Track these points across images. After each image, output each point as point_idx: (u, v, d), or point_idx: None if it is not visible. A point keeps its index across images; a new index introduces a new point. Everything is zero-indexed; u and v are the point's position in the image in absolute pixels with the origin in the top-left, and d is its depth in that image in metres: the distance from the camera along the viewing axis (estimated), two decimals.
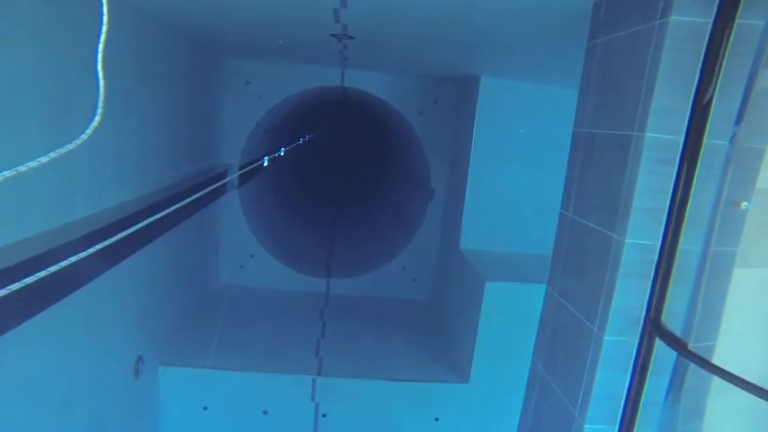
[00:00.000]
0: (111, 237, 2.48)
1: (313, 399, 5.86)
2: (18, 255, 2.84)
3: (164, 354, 5.71)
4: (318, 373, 5.90)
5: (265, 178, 9.80)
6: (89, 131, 1.45)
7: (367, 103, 8.94)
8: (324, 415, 5.89)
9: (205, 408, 5.78)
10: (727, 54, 2.06)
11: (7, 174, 1.37)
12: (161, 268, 5.60)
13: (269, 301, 7.97)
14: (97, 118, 1.44)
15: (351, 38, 4.78)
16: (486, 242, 6.74)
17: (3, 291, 1.60)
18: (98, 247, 2.16)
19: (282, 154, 10.66)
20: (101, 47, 1.46)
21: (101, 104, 1.46)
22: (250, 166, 8.09)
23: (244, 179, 7.99)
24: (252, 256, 8.36)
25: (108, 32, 1.53)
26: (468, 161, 6.64)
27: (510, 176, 6.63)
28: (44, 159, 1.43)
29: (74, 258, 1.99)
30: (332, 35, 4.71)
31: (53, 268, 1.79)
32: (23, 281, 1.71)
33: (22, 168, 1.40)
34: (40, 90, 3.13)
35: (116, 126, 4.12)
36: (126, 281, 4.54)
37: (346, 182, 14.42)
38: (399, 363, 6.41)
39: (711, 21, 2.07)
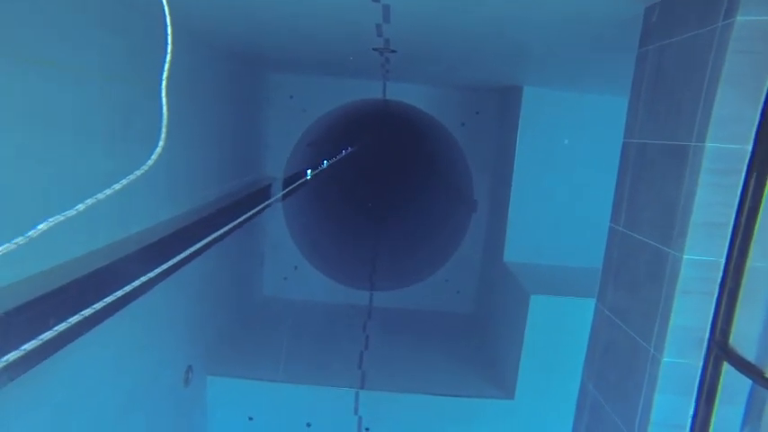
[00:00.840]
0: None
1: (356, 412, 5.85)
2: (83, 267, 2.98)
3: (211, 364, 5.83)
4: (362, 387, 5.88)
5: (309, 191, 9.93)
6: (154, 157, 1.49)
7: (409, 115, 8.95)
8: (367, 429, 5.86)
9: (251, 418, 5.85)
10: None
11: (89, 202, 1.42)
12: (209, 280, 5.74)
13: (312, 313, 8.04)
14: (161, 143, 1.49)
15: (393, 51, 4.81)
16: (530, 255, 6.60)
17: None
18: (158, 268, 2.22)
19: (325, 166, 10.81)
20: (165, 75, 1.50)
21: (164, 130, 1.50)
22: (295, 184, 8.23)
23: (288, 191, 8.13)
24: (295, 268, 8.46)
25: (160, 55, 1.57)
26: (512, 172, 6.53)
27: (555, 187, 6.48)
28: (117, 186, 1.48)
29: (138, 278, 2.05)
30: (374, 49, 4.74)
31: (120, 291, 1.85)
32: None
33: (101, 196, 1.45)
34: (104, 114, 3.29)
35: (167, 144, 4.27)
36: (177, 293, 4.67)
37: (389, 194, 14.46)
38: (443, 377, 6.32)
39: None
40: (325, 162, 11.01)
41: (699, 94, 2.15)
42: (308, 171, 9.47)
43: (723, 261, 2.13)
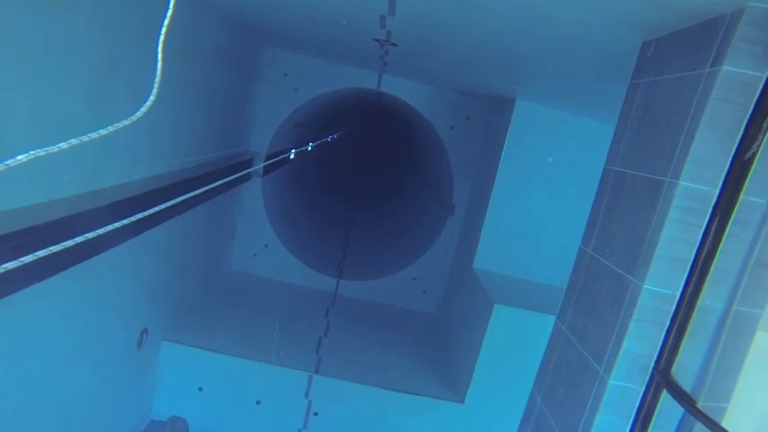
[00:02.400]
0: (134, 208, 2.52)
1: (307, 396, 5.88)
2: (45, 215, 2.91)
3: (168, 329, 5.78)
4: (316, 372, 5.91)
5: (291, 172, 9.87)
6: (144, 109, 1.48)
7: (400, 110, 8.96)
8: (315, 413, 5.90)
9: (200, 389, 5.82)
10: None
11: (73, 141, 1.40)
12: (177, 247, 5.67)
13: (277, 293, 8.02)
14: (152, 98, 1.47)
15: (393, 44, 4.81)
16: (500, 265, 6.69)
17: (27, 253, 1.64)
18: (124, 221, 2.19)
19: (310, 149, 10.74)
20: (164, 27, 1.49)
21: (157, 84, 1.49)
22: (276, 158, 8.16)
23: (269, 169, 8.06)
24: (266, 245, 8.42)
25: (157, 8, 1.56)
26: (493, 182, 6.60)
27: (533, 203, 6.58)
28: (104, 132, 1.46)
29: (99, 230, 2.02)
30: (375, 40, 4.74)
31: (79, 239, 1.82)
32: (48, 246, 1.75)
33: (85, 138, 1.43)
34: (88, 59, 3.20)
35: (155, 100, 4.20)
36: (142, 253, 4.61)
37: (369, 185, 14.46)
38: (398, 372, 6.39)
39: (764, 76, 2.03)
40: (310, 144, 10.94)
41: (680, 134, 2.23)
42: (292, 150, 9.40)
43: (678, 295, 2.21)
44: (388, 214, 12.25)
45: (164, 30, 1.48)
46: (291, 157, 9.44)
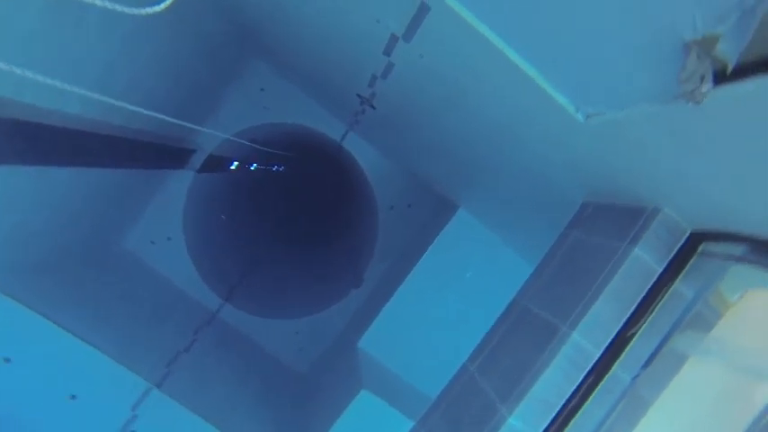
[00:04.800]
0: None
1: (134, 409, 5.31)
2: None
3: (8, 280, 5.00)
4: (158, 385, 5.40)
5: (223, 178, 9.57)
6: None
7: (351, 170, 9.05)
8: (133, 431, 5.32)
9: (7, 360, 4.97)
10: (659, 305, 2.24)
11: None
12: (70, 198, 5.18)
13: (156, 289, 7.47)
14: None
15: (372, 107, 4.93)
16: (384, 354, 6.60)
17: None
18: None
19: (253, 168, 10.54)
20: None
21: None
22: (218, 160, 7.92)
23: (205, 168, 7.79)
24: (169, 238, 7.94)
25: None
26: (407, 275, 6.64)
27: (437, 309, 6.64)
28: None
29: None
30: (358, 95, 4.84)
31: None
32: None
33: None
34: None
35: (128, 48, 4.02)
36: (25, 187, 4.16)
37: (294, 225, 14.23)
38: (240, 418, 5.96)
39: (660, 270, 2.23)
40: (254, 165, 10.75)
41: (587, 292, 2.36)
42: (235, 162, 9.18)
43: None
44: (299, 261, 12.00)
45: None
46: (232, 167, 9.20)
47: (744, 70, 1.34)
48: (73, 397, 5.09)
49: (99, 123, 4.43)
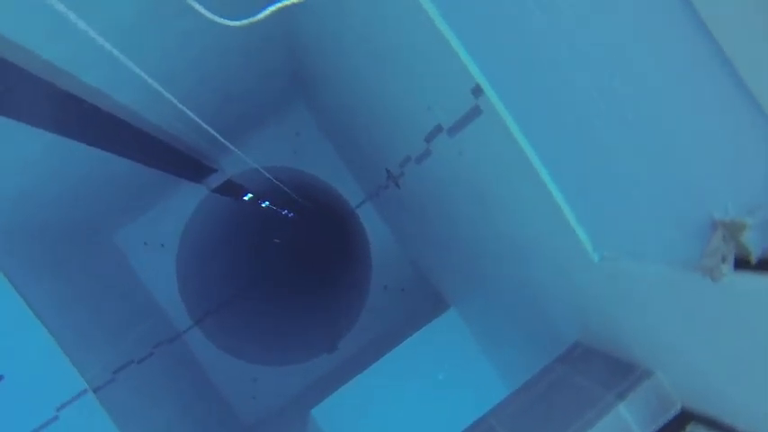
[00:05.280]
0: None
1: (58, 409, 4.84)
2: None
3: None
4: (95, 390, 5.12)
5: (234, 204, 9.59)
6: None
7: (358, 239, 9.07)
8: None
9: None
10: None
11: None
12: (88, 174, 5.22)
13: (132, 292, 7.33)
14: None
15: (397, 186, 5.01)
16: (334, 428, 6.30)
17: None
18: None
19: (264, 205, 10.60)
20: None
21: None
22: (234, 187, 8.01)
23: (221, 189, 7.85)
24: (162, 245, 7.89)
25: None
26: (380, 357, 6.46)
27: (398, 401, 6.39)
28: None
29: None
30: (386, 170, 4.95)
31: None
32: None
33: None
34: None
35: (199, 57, 4.22)
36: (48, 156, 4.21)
37: (286, 270, 14.08)
38: None
39: None
40: (266, 203, 10.82)
41: (559, 429, 2.26)
42: (249, 194, 9.26)
43: None
44: (281, 309, 11.76)
45: None
46: (245, 197, 9.27)
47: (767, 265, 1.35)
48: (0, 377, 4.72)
49: (140, 118, 4.55)
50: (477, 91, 2.19)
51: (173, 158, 5.94)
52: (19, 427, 4.54)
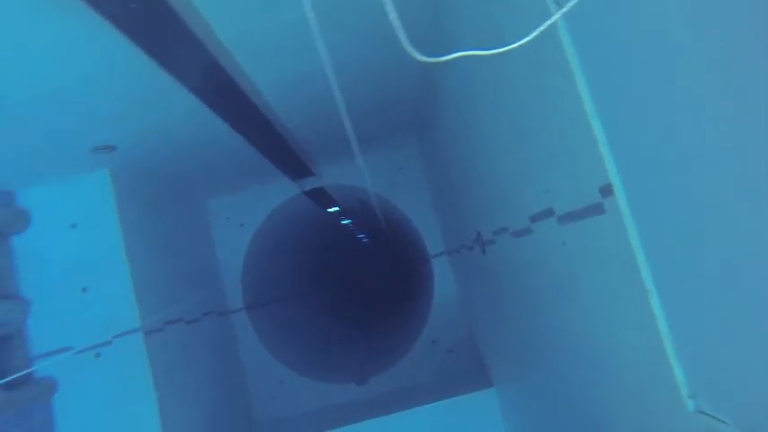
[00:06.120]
0: None
1: (112, 337, 5.27)
2: None
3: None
4: (146, 332, 5.37)
5: (316, 213, 9.85)
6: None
7: (421, 285, 8.96)
8: None
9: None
10: None
11: None
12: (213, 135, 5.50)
13: (208, 256, 7.68)
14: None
15: (483, 252, 4.92)
16: None
17: None
18: None
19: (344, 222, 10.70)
20: None
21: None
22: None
23: (311, 193, 8.10)
24: (241, 225, 8.23)
25: None
26: (405, 409, 6.31)
27: None
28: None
29: None
30: (477, 233, 4.87)
31: None
32: None
33: None
34: None
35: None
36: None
37: (345, 289, 14.04)
38: (181, 411, 5.72)
39: None
40: (348, 221, 10.90)
41: None
42: (336, 208, 9.43)
43: None
44: (328, 323, 11.79)
45: None
46: (331, 210, 9.45)
47: None
48: (84, 290, 5.20)
49: (269, 106, 4.84)
50: (607, 191, 2.10)
51: (283, 152, 6.25)
52: (82, 340, 4.96)
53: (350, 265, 15.15)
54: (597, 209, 2.23)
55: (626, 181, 1.98)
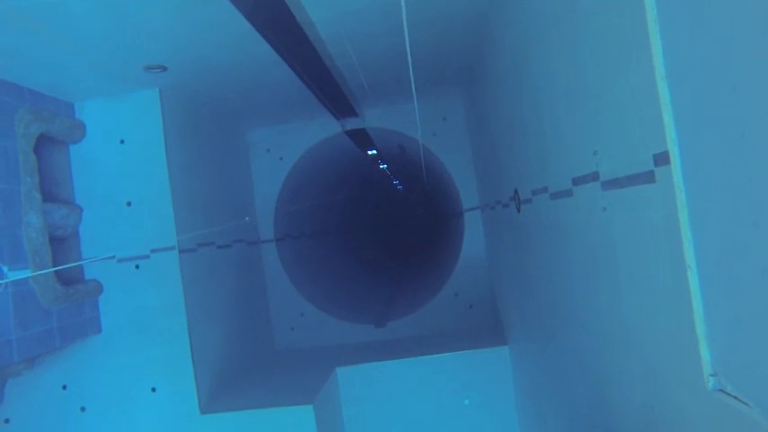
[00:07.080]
0: None
1: (151, 251, 5.58)
2: None
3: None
4: (181, 250, 5.61)
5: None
6: None
7: (449, 238, 8.96)
8: None
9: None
10: None
11: None
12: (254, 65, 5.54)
13: (246, 188, 7.85)
14: None
15: (517, 210, 4.87)
16: (349, 393, 6.43)
17: None
18: None
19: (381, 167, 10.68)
20: None
21: None
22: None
23: (352, 134, 8.09)
24: (281, 159, 8.32)
25: None
26: (418, 356, 6.46)
27: (417, 400, 6.39)
28: None
29: None
30: (515, 191, 4.81)
31: None
32: None
33: None
34: None
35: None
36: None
37: (374, 231, 14.18)
38: (207, 320, 6.05)
39: None
40: (385, 165, 10.87)
41: None
42: (374, 151, 9.39)
43: None
44: (349, 265, 12.03)
45: None
46: (370, 152, 9.42)
47: None
48: (128, 204, 5.50)
49: (321, 40, 4.78)
50: (662, 159, 2.02)
51: (330, 88, 6.20)
52: (124, 250, 5.46)
53: (381, 210, 15.26)
54: (647, 177, 2.16)
55: (684, 151, 1.89)
